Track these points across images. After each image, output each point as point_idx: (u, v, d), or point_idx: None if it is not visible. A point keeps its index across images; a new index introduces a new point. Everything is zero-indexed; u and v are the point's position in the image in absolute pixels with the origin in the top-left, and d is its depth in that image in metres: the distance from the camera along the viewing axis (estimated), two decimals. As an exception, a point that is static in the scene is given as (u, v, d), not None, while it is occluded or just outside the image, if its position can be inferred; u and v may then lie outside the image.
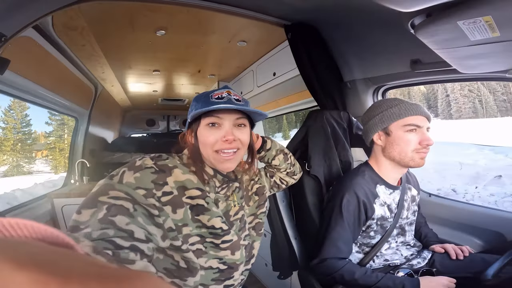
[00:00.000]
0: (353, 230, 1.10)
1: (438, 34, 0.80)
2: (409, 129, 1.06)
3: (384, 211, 1.12)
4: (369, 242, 1.15)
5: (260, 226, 0.93)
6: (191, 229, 0.71)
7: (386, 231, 1.14)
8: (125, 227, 0.55)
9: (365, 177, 1.14)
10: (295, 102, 2.19)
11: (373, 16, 1.16)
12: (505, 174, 6.09)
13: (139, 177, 0.65)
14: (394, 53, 1.33)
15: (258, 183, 0.97)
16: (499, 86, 26.72)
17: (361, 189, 1.10)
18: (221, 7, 1.36)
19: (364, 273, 1.02)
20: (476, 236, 1.31)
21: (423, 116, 1.07)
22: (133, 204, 0.60)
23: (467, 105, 31.44)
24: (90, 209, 0.56)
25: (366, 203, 1.09)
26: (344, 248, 1.08)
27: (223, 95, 0.76)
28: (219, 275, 0.76)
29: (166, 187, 0.68)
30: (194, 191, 0.73)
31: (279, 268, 1.49)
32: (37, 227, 0.19)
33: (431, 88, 31.00)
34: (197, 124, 0.77)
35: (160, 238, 0.64)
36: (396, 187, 1.17)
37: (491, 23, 0.68)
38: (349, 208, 1.09)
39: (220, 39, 1.95)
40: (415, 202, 1.24)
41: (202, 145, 0.76)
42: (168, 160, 0.74)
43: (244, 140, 0.79)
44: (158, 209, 0.64)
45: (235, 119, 0.77)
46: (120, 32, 1.80)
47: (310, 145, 1.39)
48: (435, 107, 33.33)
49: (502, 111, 29.54)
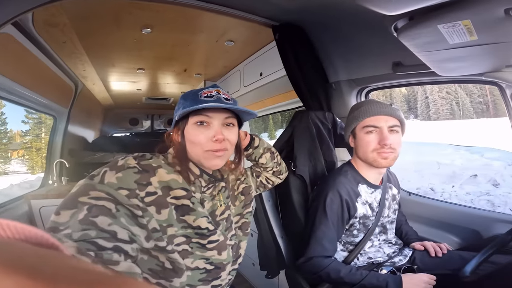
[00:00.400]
0: (337, 228, 1.12)
1: (419, 37, 0.83)
2: (368, 130, 1.10)
3: (366, 210, 1.15)
4: (352, 240, 1.17)
5: (246, 226, 0.93)
6: (176, 229, 0.69)
7: (369, 229, 1.16)
8: (108, 227, 0.54)
9: (348, 177, 1.17)
10: (281, 102, 2.21)
11: (358, 19, 1.19)
12: (480, 173, 6.39)
13: (121, 177, 0.63)
14: (377, 55, 1.36)
15: (244, 183, 0.97)
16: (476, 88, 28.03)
17: (344, 188, 1.12)
18: (210, 6, 1.35)
19: (349, 271, 1.04)
20: (454, 233, 1.35)
21: (384, 115, 1.08)
22: (116, 205, 0.58)
23: (445, 107, 32.69)
24: (70, 209, 0.54)
25: (349, 202, 1.12)
26: (329, 247, 1.10)
27: (212, 93, 0.75)
28: (206, 275, 0.75)
29: (150, 187, 0.66)
30: (179, 191, 0.72)
31: (267, 268, 1.50)
32: (21, 228, 0.18)
33: (411, 90, 32.06)
34: (185, 123, 0.76)
35: (144, 239, 0.63)
36: (377, 186, 1.20)
37: (469, 27, 0.71)
38: (333, 207, 1.11)
39: (208, 38, 1.94)
40: (395, 201, 1.27)
41: (190, 144, 0.75)
42: (152, 160, 0.72)
43: (233, 139, 0.79)
44: (142, 209, 0.63)
45: (224, 118, 0.76)
46: (104, 30, 1.75)
47: (296, 145, 1.40)
48: (415, 108, 34.47)
49: (478, 113, 30.92)
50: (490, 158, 7.97)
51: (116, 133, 4.94)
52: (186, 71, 2.72)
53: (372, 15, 0.76)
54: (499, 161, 7.36)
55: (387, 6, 0.66)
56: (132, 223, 0.60)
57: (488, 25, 0.69)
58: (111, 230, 0.54)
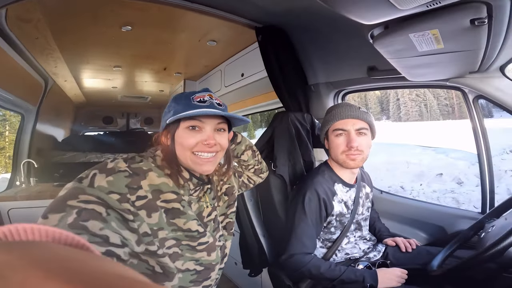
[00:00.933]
0: (316, 226, 1.16)
1: (393, 44, 0.89)
2: (337, 133, 1.16)
3: (342, 208, 1.20)
4: (330, 237, 1.22)
5: (231, 226, 0.94)
6: (167, 232, 0.69)
7: (345, 226, 1.22)
8: (99, 232, 0.53)
9: (325, 176, 1.22)
10: (262, 103, 2.23)
11: (337, 24, 1.24)
12: (446, 172, 6.83)
13: (112, 181, 0.62)
14: (354, 59, 1.43)
15: (228, 183, 0.98)
16: (443, 91, 29.76)
17: (321, 187, 1.17)
18: (194, 6, 1.35)
19: (328, 267, 1.08)
20: (422, 230, 1.44)
21: (352, 118, 1.13)
22: (106, 208, 0.57)
23: (414, 109, 34.43)
24: (58, 213, 0.52)
25: (326, 200, 1.16)
26: (309, 244, 1.14)
27: (205, 98, 0.75)
28: (196, 276, 0.76)
29: (141, 191, 0.65)
30: (170, 195, 0.71)
31: (249, 266, 1.51)
32: (52, 231, 0.19)
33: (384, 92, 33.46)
34: (176, 126, 0.75)
35: (135, 243, 0.62)
36: (352, 185, 1.25)
37: (437, 36, 0.77)
38: (311, 205, 1.15)
39: (190, 37, 1.92)
40: (368, 199, 1.33)
41: (180, 148, 0.74)
42: (143, 163, 0.70)
43: (224, 144, 0.79)
44: (133, 214, 0.62)
45: (217, 123, 0.76)
46: (80, 26, 1.69)
47: (276, 145, 1.43)
48: (387, 110, 35.98)
49: (444, 115, 32.78)
50: (454, 158, 8.53)
51: (88, 132, 4.73)
52: (166, 69, 2.68)
53: (350, 22, 0.80)
54: (463, 160, 7.89)
55: (365, 16, 0.71)
56: (123, 227, 0.59)
57: (454, 34, 0.75)
58: (103, 235, 0.53)
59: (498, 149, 7.85)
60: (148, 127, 4.94)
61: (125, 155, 0.75)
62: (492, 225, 0.98)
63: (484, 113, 1.34)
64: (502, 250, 0.77)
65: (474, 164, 7.27)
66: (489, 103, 1.18)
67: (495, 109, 14.31)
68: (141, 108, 4.62)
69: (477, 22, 0.66)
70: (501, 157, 7.53)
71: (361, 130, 1.14)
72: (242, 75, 2.19)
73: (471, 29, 0.70)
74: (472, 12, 0.65)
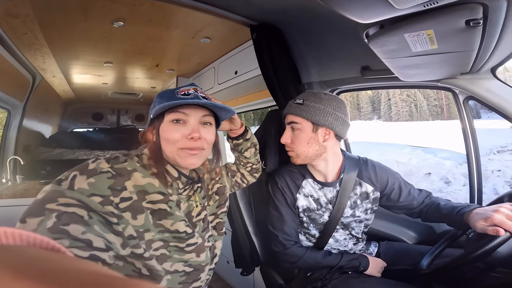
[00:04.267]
0: (290, 214, 1.16)
1: (387, 44, 0.89)
2: None
3: (309, 202, 1.16)
4: (308, 232, 1.20)
5: (221, 226, 0.92)
6: (153, 234, 0.67)
7: (325, 225, 1.16)
8: (82, 236, 0.50)
9: (293, 170, 1.20)
10: (255, 101, 2.23)
11: (332, 24, 1.24)
12: (434, 172, 6.98)
13: (93, 182, 0.59)
14: (348, 59, 1.43)
15: (219, 183, 0.96)
16: (433, 92, 30.30)
17: (282, 178, 1.18)
18: (189, 2, 1.32)
19: (325, 256, 1.11)
20: (410, 228, 1.45)
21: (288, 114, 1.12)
22: (88, 211, 0.54)
23: (405, 109, 34.98)
24: (37, 217, 0.49)
25: (287, 192, 1.16)
26: (291, 232, 1.15)
27: (189, 91, 0.73)
28: (185, 278, 0.74)
29: (125, 192, 0.63)
30: (156, 196, 0.69)
31: (242, 265, 1.51)
32: (25, 234, 0.18)
33: (376, 92, 33.84)
34: (160, 121, 0.73)
35: (120, 246, 0.60)
36: (328, 184, 1.16)
37: (431, 36, 0.77)
38: (277, 195, 1.17)
39: (184, 34, 1.89)
40: (368, 199, 1.18)
41: (165, 142, 0.72)
42: (127, 163, 0.68)
43: (210, 139, 0.77)
44: (117, 216, 0.60)
45: (202, 116, 0.75)
46: (70, 22, 1.65)
47: (267, 143, 1.43)
48: (379, 109, 36.43)
49: (434, 115, 33.42)
50: (442, 158, 8.72)
51: (77, 129, 4.63)
52: (158, 66, 2.64)
53: (346, 21, 0.80)
54: (450, 160, 8.08)
55: (361, 14, 0.70)
56: (106, 231, 0.57)
57: (449, 35, 0.75)
58: (86, 239, 0.51)
59: (485, 149, 8.06)
60: (139, 124, 4.86)
61: (110, 153, 0.73)
62: None
63: (473, 115, 1.36)
64: (491, 250, 0.78)
65: (461, 164, 7.45)
66: (477, 105, 1.19)
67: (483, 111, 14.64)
68: (132, 105, 4.53)
69: (472, 23, 0.66)
70: (488, 157, 7.74)
71: (293, 123, 1.12)
72: (236, 73, 2.17)
73: (466, 30, 0.70)
74: (468, 13, 0.65)
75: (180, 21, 1.71)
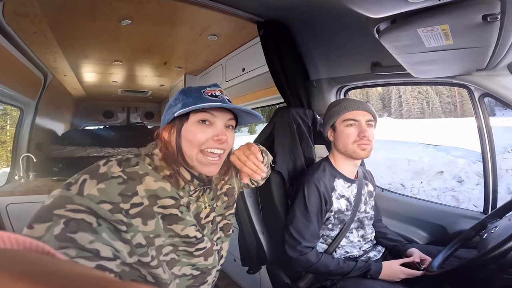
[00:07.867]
0: (318, 220, 1.16)
1: (399, 39, 0.86)
2: (348, 123, 1.17)
3: (340, 204, 1.19)
4: (329, 234, 1.21)
5: (228, 227, 0.90)
6: (163, 239, 0.66)
7: (345, 224, 1.20)
8: (89, 246, 0.49)
9: (325, 171, 1.21)
10: (263, 98, 2.22)
11: (341, 19, 1.21)
12: (446, 170, 6.82)
13: (103, 189, 0.57)
14: (357, 55, 1.40)
15: (228, 184, 0.93)
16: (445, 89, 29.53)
17: (321, 182, 1.17)
18: None
19: (337, 265, 1.11)
20: (422, 228, 1.42)
21: (362, 110, 1.16)
22: (97, 218, 0.53)
23: (416, 106, 34.23)
24: (45, 223, 0.48)
25: (326, 196, 1.16)
26: (312, 239, 1.14)
27: (216, 93, 0.71)
28: (193, 281, 0.74)
29: (136, 198, 0.61)
30: (167, 200, 0.67)
31: (248, 263, 1.50)
32: (22, 240, 0.19)
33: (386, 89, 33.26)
34: (184, 120, 0.69)
35: (127, 254, 0.58)
36: (353, 181, 1.24)
37: (446, 32, 0.74)
38: (312, 200, 1.15)
39: (191, 31, 1.89)
40: (372, 197, 1.32)
41: (188, 143, 0.69)
42: (138, 167, 0.65)
43: (231, 142, 0.75)
44: (126, 224, 0.58)
45: (228, 119, 0.73)
46: (78, 20, 1.67)
47: (276, 141, 1.41)
48: (389, 107, 35.81)
49: (446, 113, 32.55)
50: (455, 156, 8.51)
51: (88, 126, 4.72)
52: (166, 64, 2.66)
53: (355, 16, 0.78)
54: (463, 159, 7.87)
55: (372, 8, 0.68)
56: (115, 238, 0.55)
57: (465, 30, 0.72)
58: (93, 249, 0.49)
59: (499, 148, 7.82)
60: (149, 121, 4.93)
61: (123, 153, 0.71)
62: (495, 226, 0.96)
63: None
64: (505, 252, 0.75)
65: (474, 163, 7.26)
66: (491, 102, 1.15)
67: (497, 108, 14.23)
68: (141, 103, 4.60)
69: (490, 18, 0.63)
70: (502, 156, 7.51)
71: (369, 121, 1.17)
72: (243, 70, 2.16)
73: (483, 25, 0.67)
74: (485, 8, 0.62)
75: (186, 19, 1.71)
